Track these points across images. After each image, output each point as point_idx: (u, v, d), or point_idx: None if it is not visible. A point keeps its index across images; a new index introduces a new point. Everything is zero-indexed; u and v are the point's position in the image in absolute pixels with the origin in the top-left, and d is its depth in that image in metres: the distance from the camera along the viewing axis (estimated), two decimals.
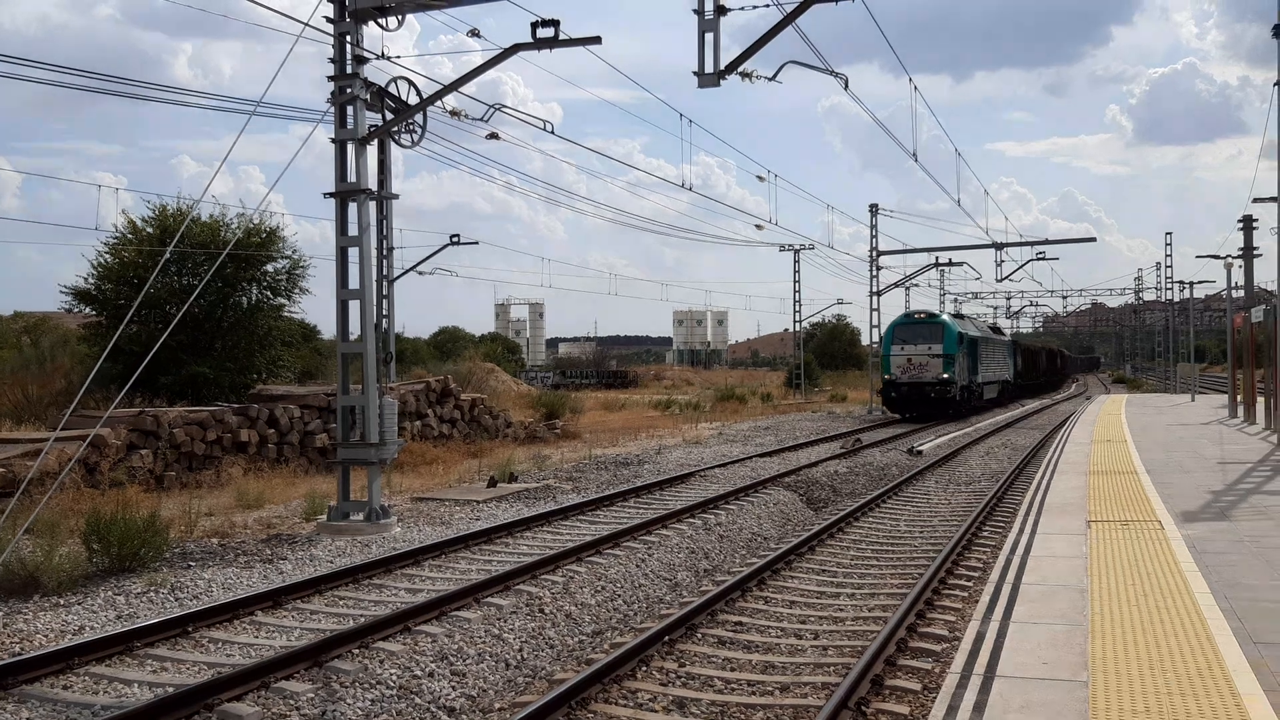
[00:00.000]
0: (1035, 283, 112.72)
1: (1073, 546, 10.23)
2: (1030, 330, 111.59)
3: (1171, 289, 65.28)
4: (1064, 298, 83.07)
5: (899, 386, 40.25)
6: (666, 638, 9.35)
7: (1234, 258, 36.76)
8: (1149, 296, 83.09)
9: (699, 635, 9.73)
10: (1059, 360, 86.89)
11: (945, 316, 43.66)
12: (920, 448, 26.84)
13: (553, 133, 17.18)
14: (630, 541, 13.43)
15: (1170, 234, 65.46)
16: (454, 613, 9.79)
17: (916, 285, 62.30)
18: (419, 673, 8.19)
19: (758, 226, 55.55)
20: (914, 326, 41.64)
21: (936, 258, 52.56)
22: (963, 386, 41.17)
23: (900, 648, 9.14)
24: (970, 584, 11.72)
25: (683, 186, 28.07)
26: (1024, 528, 11.64)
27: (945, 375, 39.53)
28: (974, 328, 47.78)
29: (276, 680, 7.72)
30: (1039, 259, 50.59)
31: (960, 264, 52.25)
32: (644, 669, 8.67)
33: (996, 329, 58.83)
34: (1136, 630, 7.11)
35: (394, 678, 8.01)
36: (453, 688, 8.14)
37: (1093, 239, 64.74)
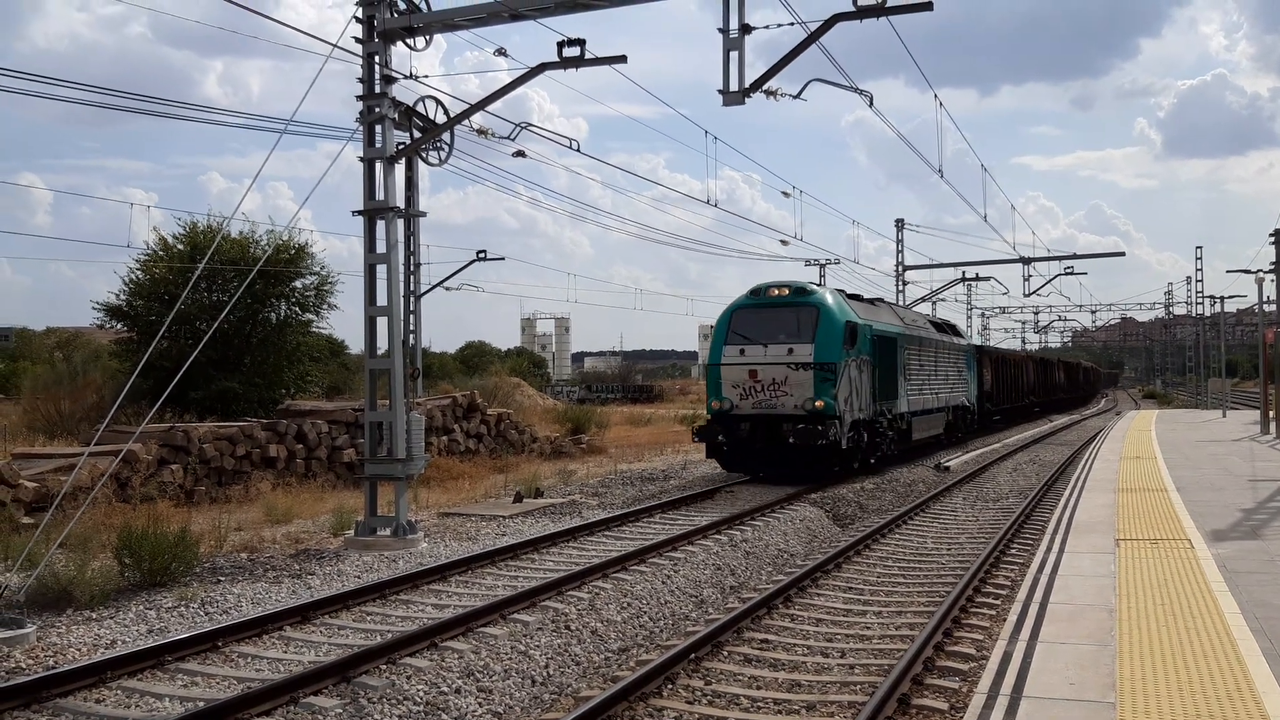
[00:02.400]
0: (1064, 297, 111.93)
1: (1101, 565, 10.17)
2: (1059, 345, 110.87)
3: (1202, 303, 64.63)
4: (1093, 312, 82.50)
5: (733, 422, 21.59)
6: (693, 655, 9.36)
7: (1266, 272, 36.38)
8: (1179, 311, 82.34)
9: (725, 653, 9.73)
10: (1060, 374, 65.97)
11: (825, 294, 23.19)
12: (947, 464, 26.74)
13: (578, 150, 17.28)
14: (656, 558, 13.44)
15: (1200, 248, 64.94)
16: (480, 629, 9.83)
17: (943, 300, 61.11)
18: (446, 689, 8.24)
19: (783, 242, 55.51)
20: (765, 312, 22.53)
21: (963, 272, 52.36)
22: (860, 422, 22.60)
23: (927, 666, 9.10)
24: (998, 602, 11.65)
25: (707, 202, 28.24)
26: (1052, 546, 11.59)
27: (819, 403, 21.07)
28: (892, 317, 27.33)
29: (305, 695, 7.79)
30: (1067, 273, 50.35)
31: (987, 279, 51.91)
32: (670, 687, 8.68)
33: (947, 326, 35.98)
34: (1165, 651, 7.06)
35: (421, 694, 8.06)
36: (479, 704, 8.18)
37: (1122, 253, 63.88)
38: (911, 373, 26.99)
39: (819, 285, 24.42)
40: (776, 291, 22.67)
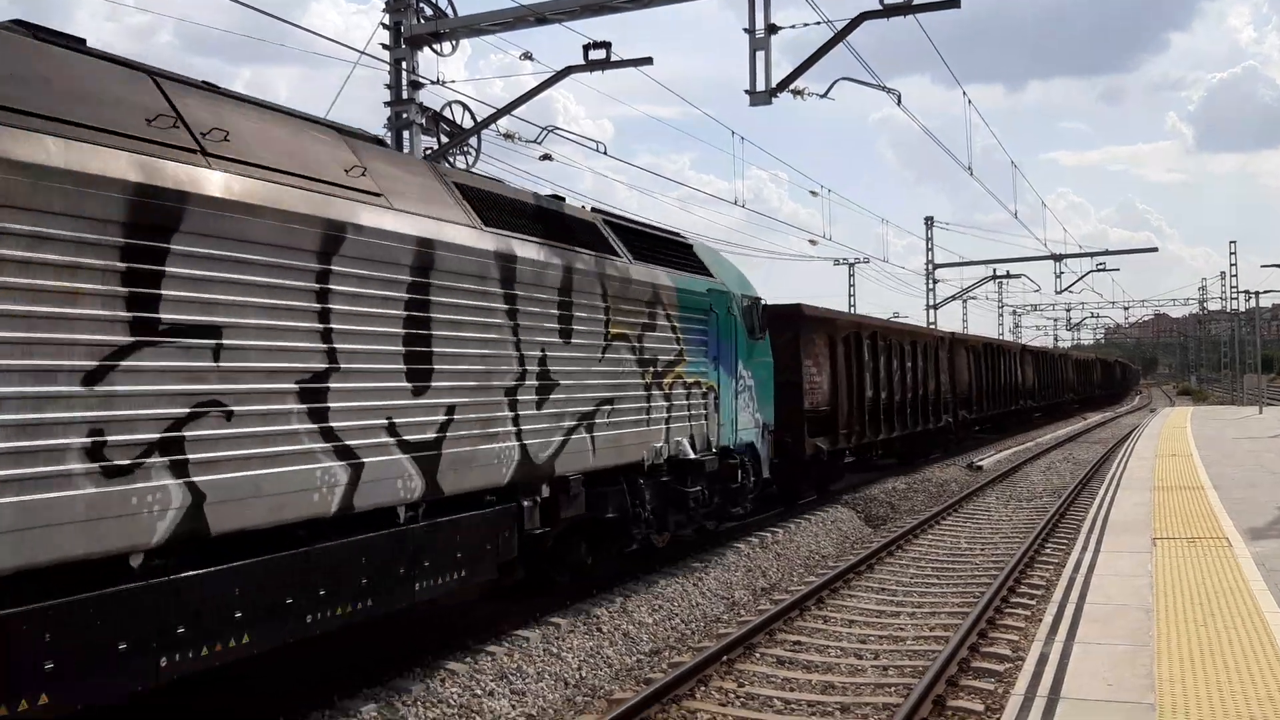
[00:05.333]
0: (1096, 294, 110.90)
1: (1137, 565, 10.07)
2: (1092, 342, 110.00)
3: (1237, 298, 63.90)
4: (1126, 309, 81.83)
5: None
6: (725, 657, 9.34)
7: None
8: (1214, 306, 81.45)
9: (758, 655, 9.70)
10: (1022, 370, 40.89)
11: None
12: (980, 463, 26.55)
13: (605, 153, 17.29)
14: (687, 559, 13.41)
15: (1234, 242, 64.21)
16: (513, 631, 9.85)
17: (974, 298, 60.62)
18: (479, 691, 8.26)
19: (811, 241, 55.36)
20: None
21: (994, 270, 52.08)
22: None
23: (962, 668, 9.04)
24: (1033, 603, 11.56)
25: (734, 203, 28.17)
26: (1087, 545, 11.49)
27: None
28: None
29: (341, 699, 7.82)
30: (1099, 270, 50.00)
31: (1018, 276, 51.47)
32: (703, 689, 8.67)
33: (609, 229, 11.64)
34: (1204, 651, 6.98)
35: (455, 696, 8.08)
36: (512, 706, 8.20)
37: (1154, 249, 62.71)
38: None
39: None
40: None
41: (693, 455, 12.21)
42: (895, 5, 13.03)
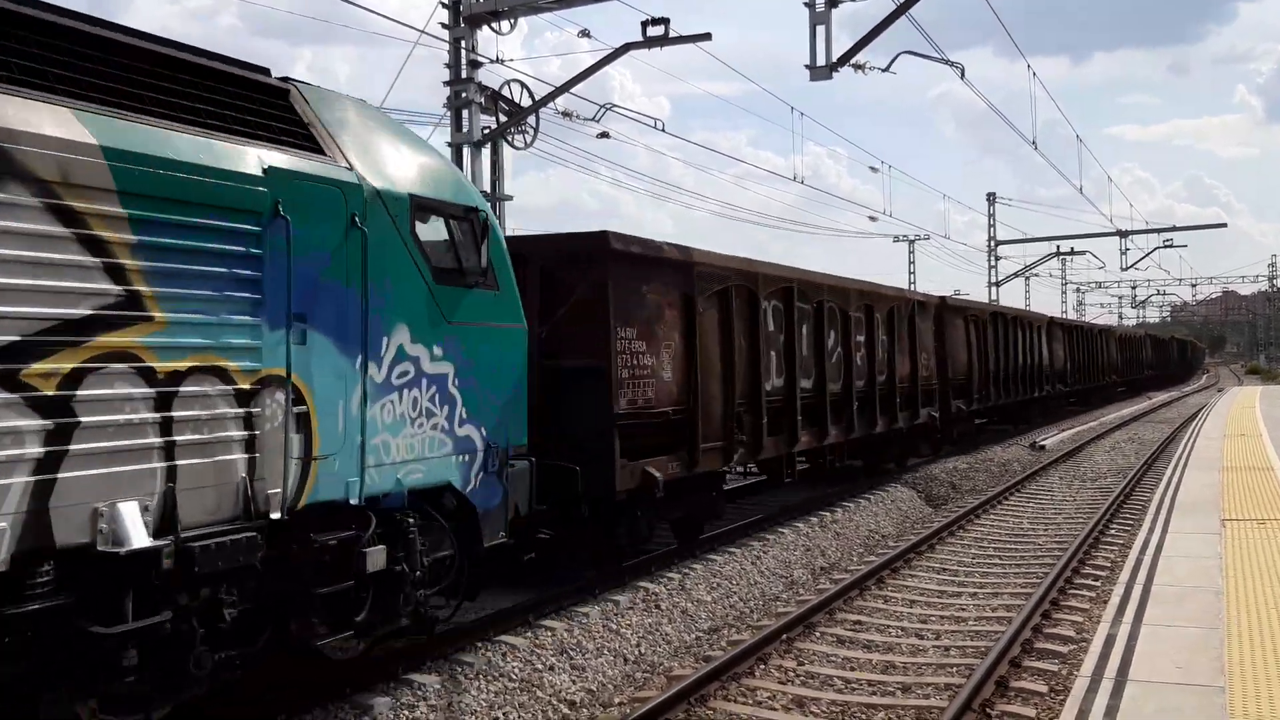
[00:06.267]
0: (1162, 271, 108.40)
1: (1206, 546, 9.87)
2: (1158, 320, 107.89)
3: None
4: (1193, 286, 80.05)
5: None
6: (785, 635, 9.34)
7: None
8: None
9: (818, 634, 9.68)
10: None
11: None
12: (1043, 443, 26.22)
13: (664, 130, 17.25)
14: (745, 538, 13.41)
15: None
16: (573, 608, 9.92)
17: (1037, 275, 59.58)
18: (540, 666, 8.34)
19: (871, 218, 54.98)
20: None
21: (1058, 246, 51.27)
22: None
23: (1025, 649, 8.96)
24: (1098, 584, 11.41)
25: (793, 179, 28.00)
26: (1154, 526, 11.28)
27: None
28: None
29: (406, 672, 7.95)
30: (1166, 246, 48.98)
31: (1083, 253, 50.66)
32: (762, 667, 8.68)
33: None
34: (1276, 633, 6.84)
35: (516, 670, 8.17)
36: (572, 681, 8.27)
37: (1223, 225, 60.59)
38: None
39: None
40: None
41: (144, 543, 5.26)
42: None
